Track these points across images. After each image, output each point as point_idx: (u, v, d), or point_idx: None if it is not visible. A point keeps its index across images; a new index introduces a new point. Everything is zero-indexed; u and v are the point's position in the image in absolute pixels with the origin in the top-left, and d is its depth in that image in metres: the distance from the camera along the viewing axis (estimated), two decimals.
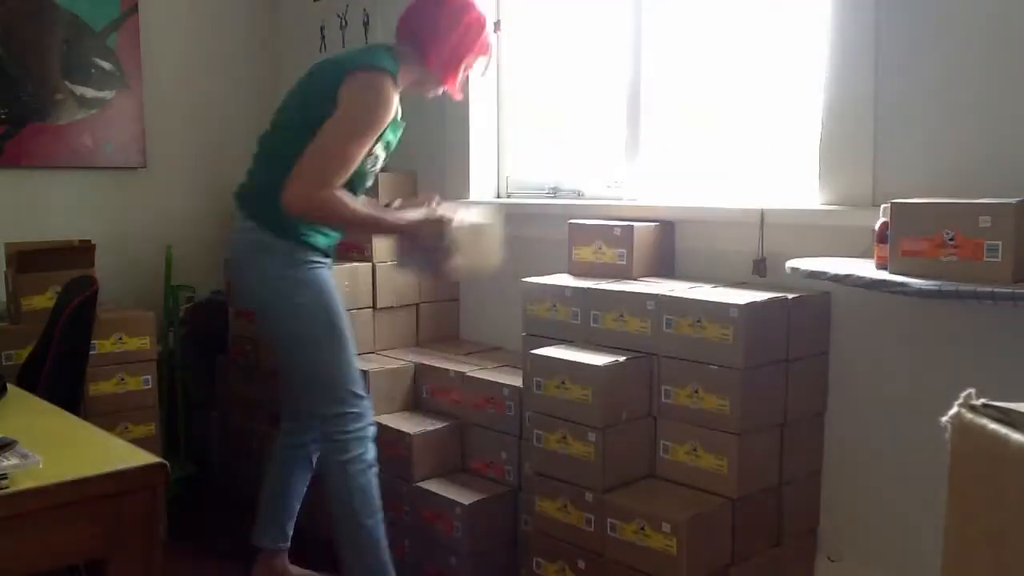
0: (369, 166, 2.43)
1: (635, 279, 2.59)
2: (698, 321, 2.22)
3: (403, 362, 3.07)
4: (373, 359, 3.11)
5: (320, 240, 2.44)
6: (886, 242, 2.01)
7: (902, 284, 1.89)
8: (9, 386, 1.95)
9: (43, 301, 2.93)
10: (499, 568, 2.73)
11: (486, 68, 2.58)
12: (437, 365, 3.01)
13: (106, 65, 3.72)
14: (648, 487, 2.30)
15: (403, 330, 3.30)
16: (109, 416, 3.08)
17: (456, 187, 3.40)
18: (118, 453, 1.57)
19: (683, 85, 2.84)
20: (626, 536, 2.20)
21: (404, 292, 3.28)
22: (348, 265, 3.14)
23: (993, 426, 0.77)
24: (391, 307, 3.25)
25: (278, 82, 4.26)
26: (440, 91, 2.56)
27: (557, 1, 3.21)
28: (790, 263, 2.18)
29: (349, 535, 2.48)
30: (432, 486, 2.77)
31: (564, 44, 3.20)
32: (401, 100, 2.42)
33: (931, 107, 2.20)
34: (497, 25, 3.35)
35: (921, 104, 2.22)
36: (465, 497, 2.67)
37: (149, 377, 3.25)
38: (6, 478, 1.37)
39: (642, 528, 2.17)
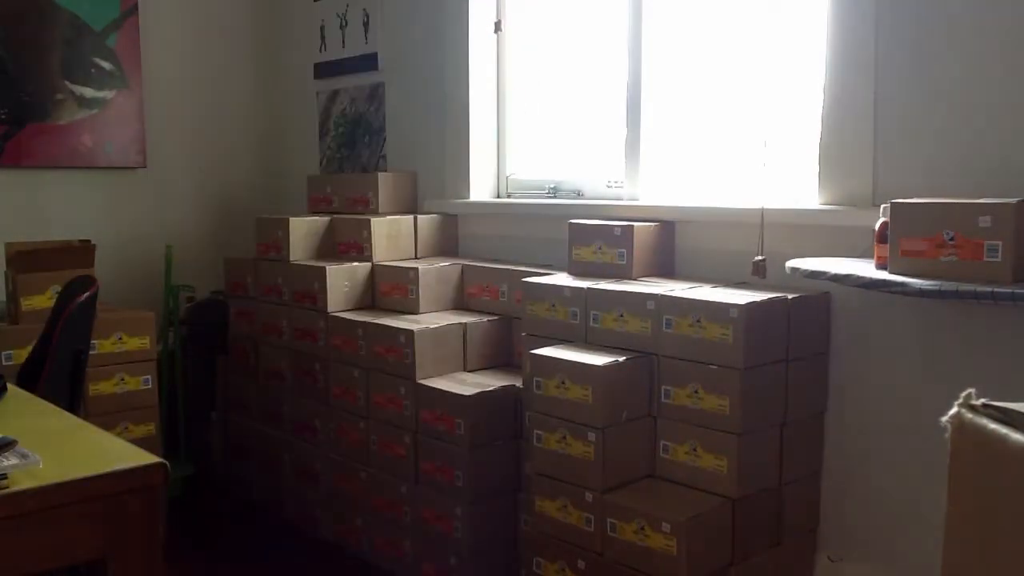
0: None
1: (635, 279, 2.59)
2: (698, 321, 2.22)
3: None
4: None
5: None
6: (886, 242, 2.01)
7: (902, 284, 1.89)
8: (9, 386, 1.95)
9: (43, 301, 2.93)
10: (499, 568, 2.73)
11: None
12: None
13: (106, 65, 3.73)
14: (648, 487, 2.30)
15: None
16: (109, 416, 3.09)
17: (456, 187, 3.40)
18: (118, 453, 1.56)
19: (683, 85, 2.84)
20: (626, 536, 2.20)
21: None
22: (348, 265, 3.14)
23: (993, 426, 0.77)
24: None
25: (278, 82, 4.26)
26: None
27: (557, 1, 3.21)
28: (790, 263, 2.18)
29: None
30: (430, 487, 2.77)
31: (564, 44, 3.20)
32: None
33: (931, 107, 2.20)
34: (497, 25, 3.35)
35: (921, 104, 2.22)
36: (466, 496, 2.67)
37: (149, 377, 3.25)
38: (6, 478, 1.37)
39: (642, 528, 2.16)
